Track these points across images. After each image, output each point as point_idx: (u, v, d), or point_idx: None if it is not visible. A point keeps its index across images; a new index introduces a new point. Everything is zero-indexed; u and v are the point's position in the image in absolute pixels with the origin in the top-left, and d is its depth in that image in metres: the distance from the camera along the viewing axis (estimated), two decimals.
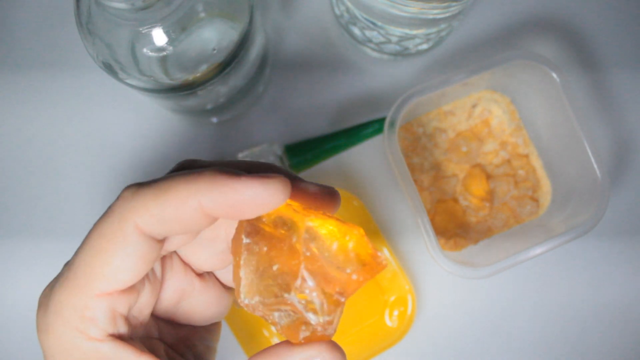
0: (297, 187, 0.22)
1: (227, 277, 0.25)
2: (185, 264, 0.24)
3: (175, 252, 0.24)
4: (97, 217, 0.43)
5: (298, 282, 0.20)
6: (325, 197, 0.22)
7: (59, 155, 0.42)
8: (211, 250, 0.24)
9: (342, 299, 0.20)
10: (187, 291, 0.24)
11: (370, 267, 0.20)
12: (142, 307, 0.22)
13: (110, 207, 0.21)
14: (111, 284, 0.20)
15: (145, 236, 0.20)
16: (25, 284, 0.41)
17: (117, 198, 0.21)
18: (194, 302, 0.24)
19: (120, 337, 0.21)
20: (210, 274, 0.25)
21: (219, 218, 0.21)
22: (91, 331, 0.20)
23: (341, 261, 0.20)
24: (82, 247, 0.21)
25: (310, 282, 0.20)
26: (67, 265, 0.21)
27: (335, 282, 0.20)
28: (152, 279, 0.23)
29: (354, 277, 0.20)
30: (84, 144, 0.42)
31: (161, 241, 0.21)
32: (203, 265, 0.24)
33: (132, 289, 0.21)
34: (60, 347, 0.21)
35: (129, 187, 0.21)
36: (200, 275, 0.24)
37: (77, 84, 0.42)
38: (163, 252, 0.23)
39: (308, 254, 0.20)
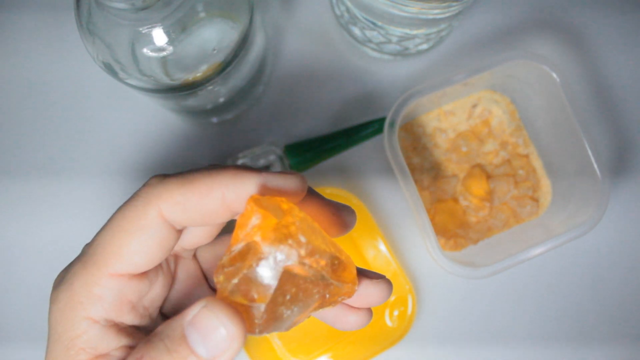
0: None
1: None
2: (201, 269, 0.25)
3: (194, 256, 0.25)
4: (98, 216, 0.43)
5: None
6: (337, 213, 0.23)
7: (59, 155, 0.41)
8: None
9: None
10: (197, 294, 0.25)
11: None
12: (153, 298, 0.23)
13: (136, 193, 0.22)
14: (126, 265, 0.21)
15: (166, 223, 0.21)
16: (26, 287, 0.41)
17: (144, 185, 0.22)
18: None
19: (120, 326, 0.22)
20: None
21: (238, 213, 0.21)
22: (92, 310, 0.21)
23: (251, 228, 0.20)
24: (103, 228, 0.22)
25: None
26: (88, 244, 0.22)
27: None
28: (165, 272, 0.23)
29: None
30: (83, 144, 0.42)
31: (179, 231, 0.22)
32: (198, 239, 0.24)
33: (144, 276, 0.22)
34: (59, 319, 0.21)
35: (156, 176, 0.22)
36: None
37: (77, 83, 0.42)
38: (182, 253, 0.24)
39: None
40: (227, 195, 0.21)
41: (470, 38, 0.43)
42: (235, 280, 0.20)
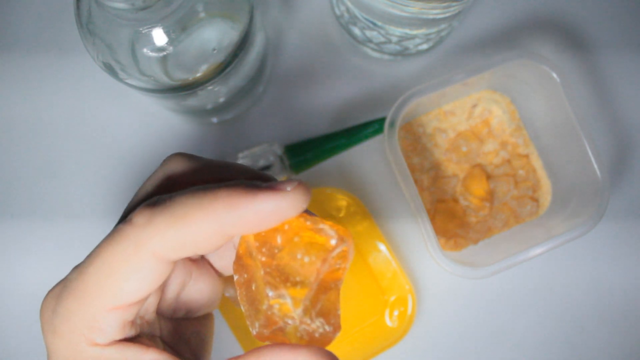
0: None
1: (219, 263, 0.25)
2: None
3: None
4: (97, 217, 0.43)
5: (266, 289, 0.20)
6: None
7: (59, 155, 0.42)
8: None
9: (310, 286, 0.20)
10: (186, 282, 0.24)
11: (317, 244, 0.20)
12: (148, 307, 0.23)
13: (122, 231, 0.20)
14: (123, 301, 0.21)
15: (160, 261, 0.20)
16: (26, 280, 0.41)
17: (130, 223, 0.20)
18: (190, 291, 0.25)
19: (125, 340, 0.21)
20: (204, 259, 0.25)
21: (238, 235, 0.21)
22: (97, 339, 0.21)
23: (289, 250, 0.20)
24: (93, 262, 0.21)
25: (269, 287, 0.20)
26: (77, 272, 0.21)
27: (294, 273, 0.20)
28: None
29: (306, 259, 0.20)
30: (83, 144, 0.42)
31: (176, 260, 0.21)
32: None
33: (142, 299, 0.22)
34: (66, 350, 0.21)
35: (142, 213, 0.20)
36: (194, 261, 0.25)
37: (77, 83, 0.42)
38: None
39: (263, 259, 0.20)
40: (223, 227, 0.20)
41: (470, 38, 0.43)
42: (339, 311, 0.20)
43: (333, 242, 0.20)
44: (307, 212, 0.21)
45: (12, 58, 0.42)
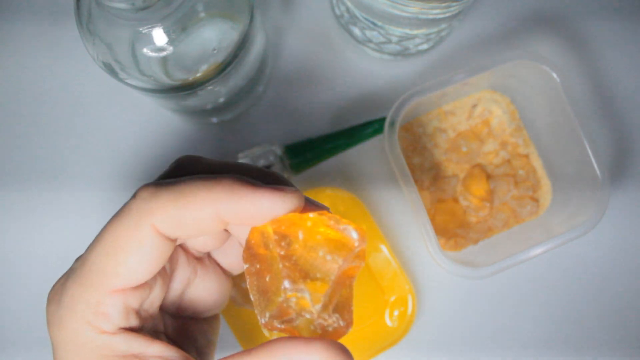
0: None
1: (225, 261, 0.26)
2: (186, 251, 0.24)
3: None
4: (98, 217, 0.43)
5: (284, 282, 0.20)
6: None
7: (59, 155, 0.42)
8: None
9: (330, 284, 0.20)
10: (191, 279, 0.24)
11: (339, 242, 0.20)
12: (153, 300, 0.23)
13: (126, 206, 0.21)
14: (125, 281, 0.21)
15: (161, 236, 0.21)
16: (28, 278, 0.41)
17: (134, 197, 0.21)
18: (196, 290, 0.25)
19: (131, 330, 0.22)
20: (210, 258, 0.25)
21: (233, 224, 0.21)
22: (103, 325, 0.21)
23: (310, 246, 0.20)
24: (96, 245, 0.21)
25: (288, 281, 0.20)
26: (80, 260, 0.22)
27: (314, 270, 0.20)
28: (162, 273, 0.23)
29: (328, 257, 0.20)
30: (83, 144, 0.42)
31: (175, 240, 0.22)
32: (202, 246, 0.24)
33: (145, 284, 0.22)
34: (73, 341, 0.21)
35: (146, 188, 0.21)
36: (199, 259, 0.25)
37: (78, 83, 0.42)
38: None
39: (282, 252, 0.20)
40: (221, 211, 0.20)
41: (470, 38, 0.43)
42: (352, 307, 0.21)
43: (356, 243, 0.20)
44: (328, 210, 0.22)
45: (12, 57, 0.42)
